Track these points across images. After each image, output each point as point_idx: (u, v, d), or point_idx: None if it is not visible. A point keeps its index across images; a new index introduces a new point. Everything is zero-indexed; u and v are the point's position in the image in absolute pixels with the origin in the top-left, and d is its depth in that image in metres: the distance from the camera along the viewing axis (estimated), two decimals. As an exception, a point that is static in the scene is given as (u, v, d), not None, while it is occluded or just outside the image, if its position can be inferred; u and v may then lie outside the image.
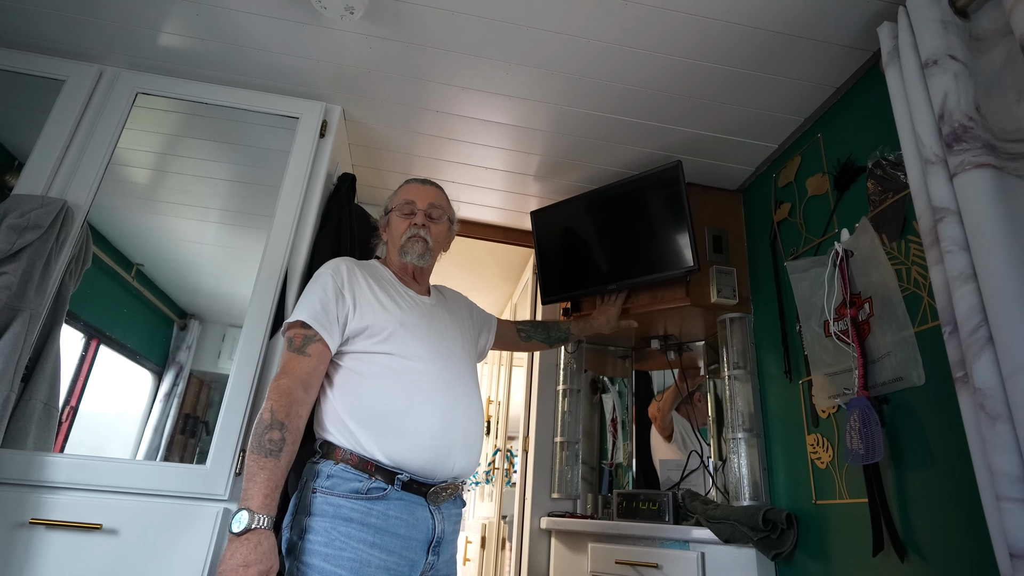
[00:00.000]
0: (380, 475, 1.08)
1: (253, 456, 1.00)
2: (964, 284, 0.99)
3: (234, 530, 0.93)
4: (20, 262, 1.35)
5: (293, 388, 1.07)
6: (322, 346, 1.14)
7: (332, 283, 1.21)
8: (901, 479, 1.23)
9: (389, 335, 1.19)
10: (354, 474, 1.07)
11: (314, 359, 1.12)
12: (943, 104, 1.08)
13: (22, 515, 1.23)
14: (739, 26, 1.41)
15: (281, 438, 1.01)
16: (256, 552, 0.92)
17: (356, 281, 1.24)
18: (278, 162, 1.67)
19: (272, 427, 1.02)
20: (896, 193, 1.33)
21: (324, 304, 1.17)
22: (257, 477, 0.98)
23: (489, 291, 3.30)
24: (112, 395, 1.86)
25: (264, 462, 0.99)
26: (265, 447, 1.00)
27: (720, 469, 1.99)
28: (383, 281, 1.30)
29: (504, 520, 3.02)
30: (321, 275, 1.24)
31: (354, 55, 1.60)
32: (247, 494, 0.97)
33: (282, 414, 1.04)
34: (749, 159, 1.92)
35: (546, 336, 1.82)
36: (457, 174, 2.13)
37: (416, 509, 1.10)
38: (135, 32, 1.58)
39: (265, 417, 1.03)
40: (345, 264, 1.27)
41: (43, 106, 1.60)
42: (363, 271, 1.28)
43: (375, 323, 1.19)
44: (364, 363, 1.17)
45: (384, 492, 1.07)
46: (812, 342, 1.54)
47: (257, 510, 0.95)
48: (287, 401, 1.05)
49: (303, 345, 1.13)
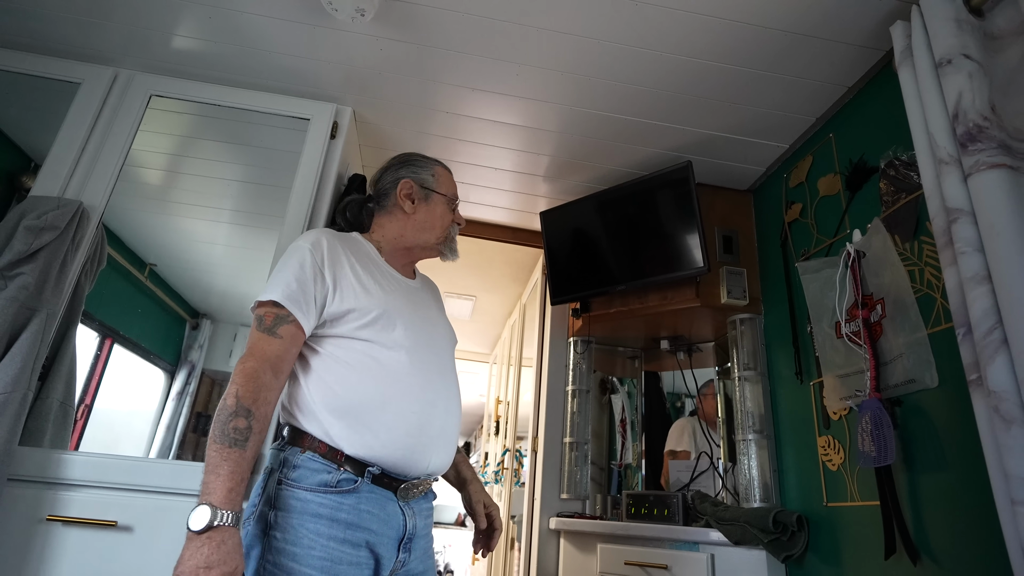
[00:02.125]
0: (349, 466, 1.01)
1: (216, 446, 0.89)
2: (978, 285, 0.98)
3: (193, 527, 0.83)
4: (37, 263, 1.38)
5: (261, 372, 0.97)
6: (295, 328, 1.04)
7: (311, 259, 1.09)
8: (914, 482, 1.22)
9: (372, 320, 1.10)
10: (322, 464, 1.00)
11: (285, 341, 1.02)
12: (957, 104, 1.07)
13: (39, 512, 1.25)
14: (750, 26, 1.40)
15: (247, 426, 0.92)
16: (219, 552, 0.83)
17: (337, 259, 1.13)
18: (289, 163, 1.69)
19: (237, 414, 0.92)
20: (909, 193, 1.31)
21: (301, 282, 1.06)
22: (220, 469, 0.88)
23: (498, 291, 3.31)
24: (126, 393, 1.88)
25: (228, 452, 0.89)
26: (229, 436, 0.90)
27: (730, 470, 1.98)
28: (365, 258, 1.20)
29: (513, 520, 3.03)
30: (298, 249, 1.11)
31: (365, 57, 1.61)
32: (208, 487, 0.87)
33: (249, 400, 0.93)
34: (760, 159, 1.91)
35: None
36: (467, 175, 2.13)
37: (387, 504, 1.04)
38: (149, 35, 1.60)
39: (229, 403, 0.93)
40: (325, 237, 1.15)
41: (59, 109, 1.62)
42: (344, 246, 1.17)
43: (357, 307, 1.09)
44: (342, 349, 1.08)
45: (355, 485, 1.00)
46: (823, 343, 1.53)
47: (220, 505, 0.85)
48: (254, 386, 0.95)
49: (274, 325, 1.02)
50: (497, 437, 3.69)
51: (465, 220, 1.38)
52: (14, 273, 1.34)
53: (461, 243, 1.46)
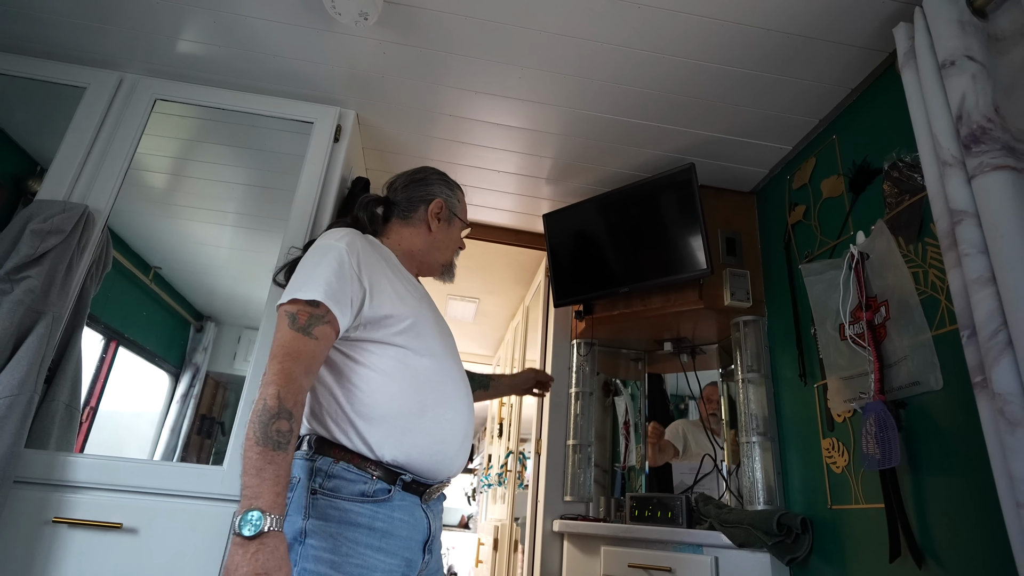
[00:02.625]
0: (381, 475, 1.01)
1: (259, 448, 0.86)
2: (983, 288, 0.98)
3: (245, 533, 0.81)
4: (43, 266, 1.38)
5: (299, 375, 0.94)
6: (330, 329, 1.00)
7: (348, 259, 1.06)
8: (918, 484, 1.21)
9: (407, 328, 1.09)
10: (358, 474, 0.99)
11: (320, 342, 0.99)
12: (961, 105, 1.07)
13: (45, 514, 1.26)
14: (753, 28, 1.41)
15: (289, 428, 0.89)
16: (274, 557, 0.81)
17: (373, 262, 1.11)
18: (293, 166, 1.69)
19: (280, 416, 0.89)
20: (913, 195, 1.31)
21: (340, 282, 1.02)
22: (265, 472, 0.85)
23: (501, 294, 3.31)
24: (130, 396, 1.89)
25: (272, 455, 0.86)
26: (272, 438, 0.87)
27: (734, 473, 1.98)
28: (394, 265, 1.20)
29: (516, 522, 3.02)
30: (333, 247, 1.07)
31: (368, 60, 1.62)
32: (254, 491, 0.84)
33: (290, 402, 0.91)
34: (763, 161, 1.91)
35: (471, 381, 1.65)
36: (470, 177, 2.14)
37: (415, 510, 1.05)
38: (154, 40, 1.61)
39: (271, 404, 0.90)
40: (360, 240, 1.12)
41: (65, 113, 1.63)
42: (375, 250, 1.16)
43: (394, 313, 1.08)
44: (375, 355, 1.06)
45: (389, 494, 1.01)
46: (827, 345, 1.53)
47: (268, 509, 0.83)
48: (295, 388, 0.93)
49: (309, 325, 0.98)
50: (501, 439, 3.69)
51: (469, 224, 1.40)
52: (20, 276, 1.35)
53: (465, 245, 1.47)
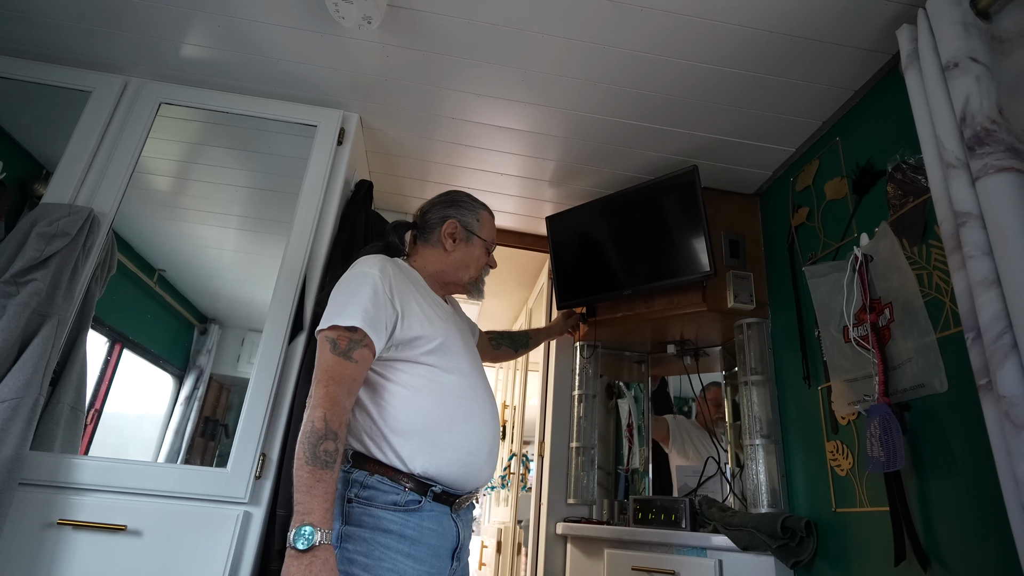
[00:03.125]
0: (413, 486, 1.07)
1: (308, 467, 0.95)
2: (987, 290, 0.98)
3: (300, 547, 0.89)
4: (49, 269, 1.39)
5: (342, 397, 1.02)
6: (368, 352, 1.08)
7: (381, 286, 1.13)
8: (923, 488, 1.21)
9: (436, 347, 1.16)
10: (391, 486, 1.06)
11: (360, 365, 1.07)
12: (965, 107, 1.06)
13: (50, 516, 1.26)
14: (756, 30, 1.41)
15: (335, 448, 0.98)
16: (325, 569, 0.89)
17: (404, 287, 1.18)
18: (297, 169, 1.70)
19: (327, 437, 0.97)
20: (917, 197, 1.31)
21: (376, 308, 1.10)
22: (315, 490, 0.93)
23: (504, 296, 3.31)
24: (134, 398, 1.90)
25: (321, 474, 0.95)
26: (321, 458, 0.95)
27: (737, 475, 1.97)
28: (422, 288, 1.27)
29: (520, 525, 3.02)
30: (367, 275, 1.14)
31: (371, 64, 1.62)
32: (306, 507, 0.92)
33: (336, 423, 0.99)
34: (766, 163, 1.91)
35: (511, 342, 1.85)
36: (472, 180, 2.14)
37: (444, 519, 1.11)
38: (159, 44, 1.62)
39: (319, 427, 0.98)
40: (391, 265, 1.20)
41: (70, 117, 1.64)
42: (405, 275, 1.23)
43: (424, 334, 1.15)
44: (407, 374, 1.14)
45: (419, 504, 1.07)
46: (831, 348, 1.52)
47: (319, 525, 0.91)
48: (339, 410, 1.01)
49: (349, 349, 1.06)
50: (504, 442, 3.69)
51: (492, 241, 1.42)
52: (26, 279, 1.36)
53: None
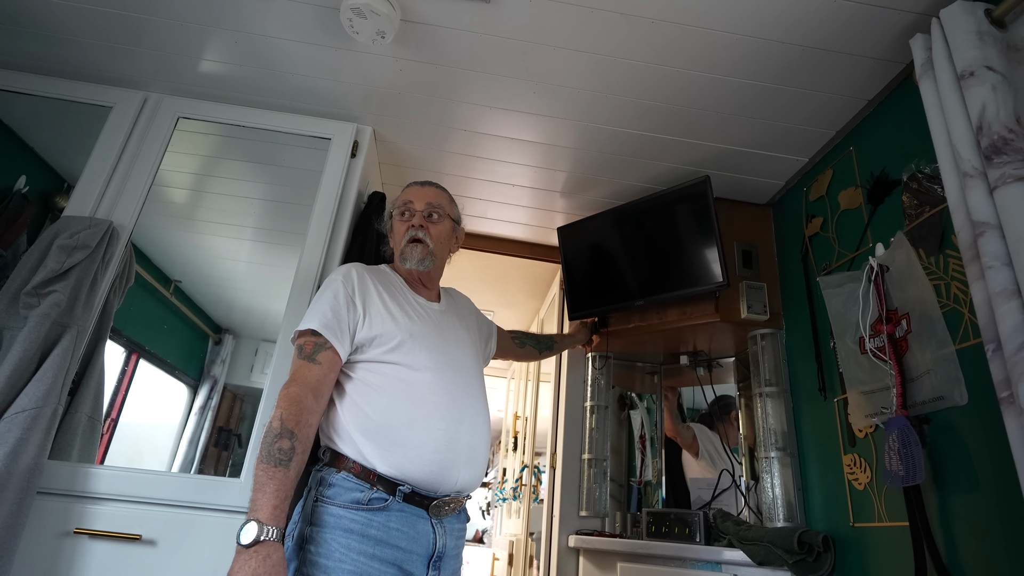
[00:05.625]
0: (382, 486, 1.07)
1: (263, 465, 0.97)
2: (1008, 300, 0.96)
3: (242, 542, 0.91)
4: (69, 280, 1.42)
5: (303, 396, 1.05)
6: (332, 354, 1.13)
7: (343, 290, 1.19)
8: (944, 502, 1.18)
9: (397, 345, 1.18)
10: (355, 483, 1.06)
11: (324, 367, 1.11)
12: (981, 116, 1.05)
13: (67, 525, 1.28)
14: (768, 41, 1.41)
15: (291, 447, 0.99)
16: (265, 565, 0.90)
17: (367, 288, 1.23)
18: (311, 182, 1.72)
19: (282, 436, 1.00)
20: (933, 207, 1.29)
21: (335, 311, 1.16)
22: (266, 487, 0.96)
23: (516, 307, 3.31)
24: (150, 408, 1.92)
25: (273, 472, 0.97)
26: (275, 456, 0.98)
27: (752, 489, 1.94)
28: (393, 288, 1.29)
29: (531, 537, 2.99)
30: (332, 282, 1.22)
31: (384, 77, 1.64)
32: (256, 504, 0.94)
33: (292, 422, 1.02)
34: (779, 173, 1.90)
35: (536, 343, 1.87)
36: (484, 191, 2.15)
37: (417, 522, 1.09)
38: (177, 60, 1.66)
39: (275, 425, 1.01)
40: (356, 270, 1.25)
41: (92, 132, 1.68)
42: (373, 277, 1.27)
43: (384, 332, 1.18)
44: (372, 373, 1.16)
45: (385, 503, 1.06)
46: (847, 359, 1.50)
47: (266, 521, 0.93)
48: (297, 409, 1.03)
49: (313, 352, 1.11)
50: (515, 453, 3.67)
51: (422, 216, 1.36)
52: (47, 291, 1.38)
53: (480, 259, 1.49)
